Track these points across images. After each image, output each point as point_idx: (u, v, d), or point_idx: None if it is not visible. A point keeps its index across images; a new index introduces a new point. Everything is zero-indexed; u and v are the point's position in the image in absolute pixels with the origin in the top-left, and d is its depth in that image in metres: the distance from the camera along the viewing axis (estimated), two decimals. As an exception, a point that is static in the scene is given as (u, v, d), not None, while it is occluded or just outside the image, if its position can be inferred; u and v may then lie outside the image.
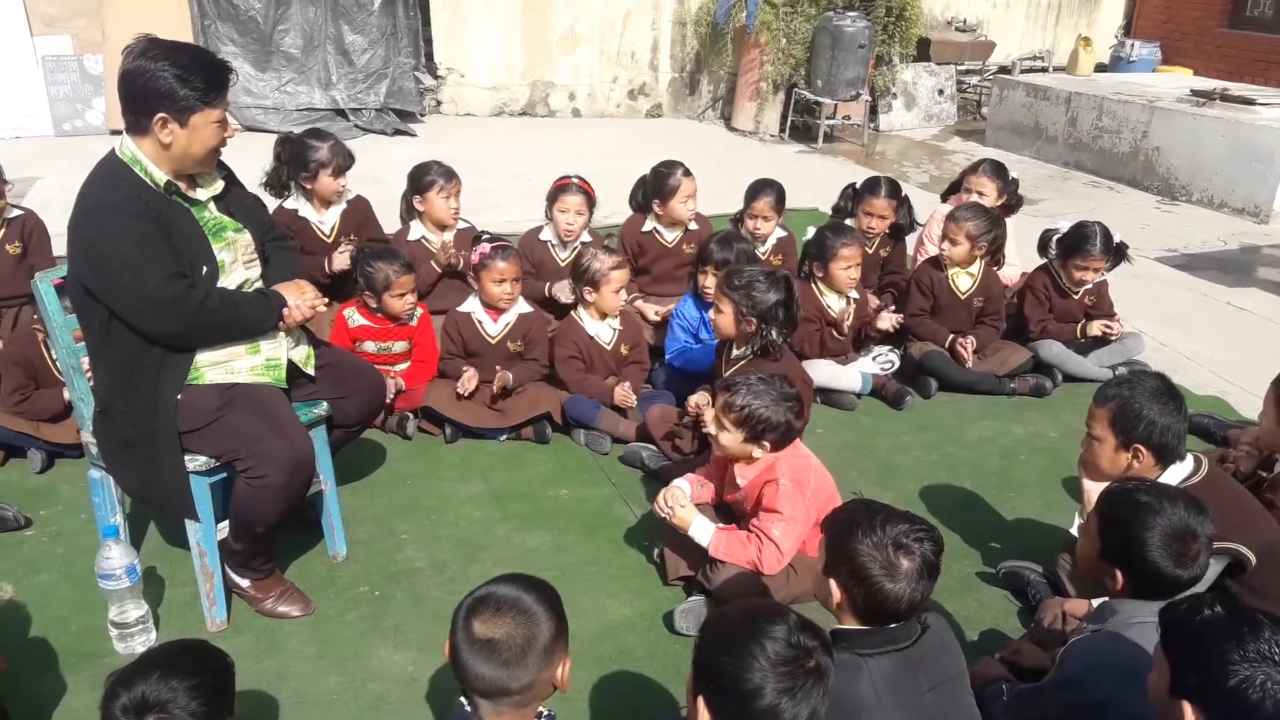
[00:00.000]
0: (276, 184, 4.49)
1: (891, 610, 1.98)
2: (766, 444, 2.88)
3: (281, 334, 2.86)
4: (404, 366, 4.22)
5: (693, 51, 10.81)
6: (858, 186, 5.17)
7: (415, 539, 3.41)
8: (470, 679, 1.73)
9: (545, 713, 1.86)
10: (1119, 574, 2.18)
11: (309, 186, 4.43)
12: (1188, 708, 1.68)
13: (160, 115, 2.53)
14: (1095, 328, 4.73)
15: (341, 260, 4.38)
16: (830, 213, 5.35)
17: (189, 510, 2.76)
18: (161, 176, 2.62)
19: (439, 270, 4.56)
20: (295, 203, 4.50)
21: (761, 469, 2.94)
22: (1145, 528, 2.12)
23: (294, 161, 4.41)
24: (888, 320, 4.58)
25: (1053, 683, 2.18)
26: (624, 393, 4.06)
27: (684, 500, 3.01)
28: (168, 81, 2.51)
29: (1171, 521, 2.12)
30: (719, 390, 2.99)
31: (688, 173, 4.76)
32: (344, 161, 4.44)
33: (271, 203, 4.20)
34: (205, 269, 2.68)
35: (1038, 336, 4.80)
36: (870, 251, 5.08)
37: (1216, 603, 1.74)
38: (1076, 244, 4.65)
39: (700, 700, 1.69)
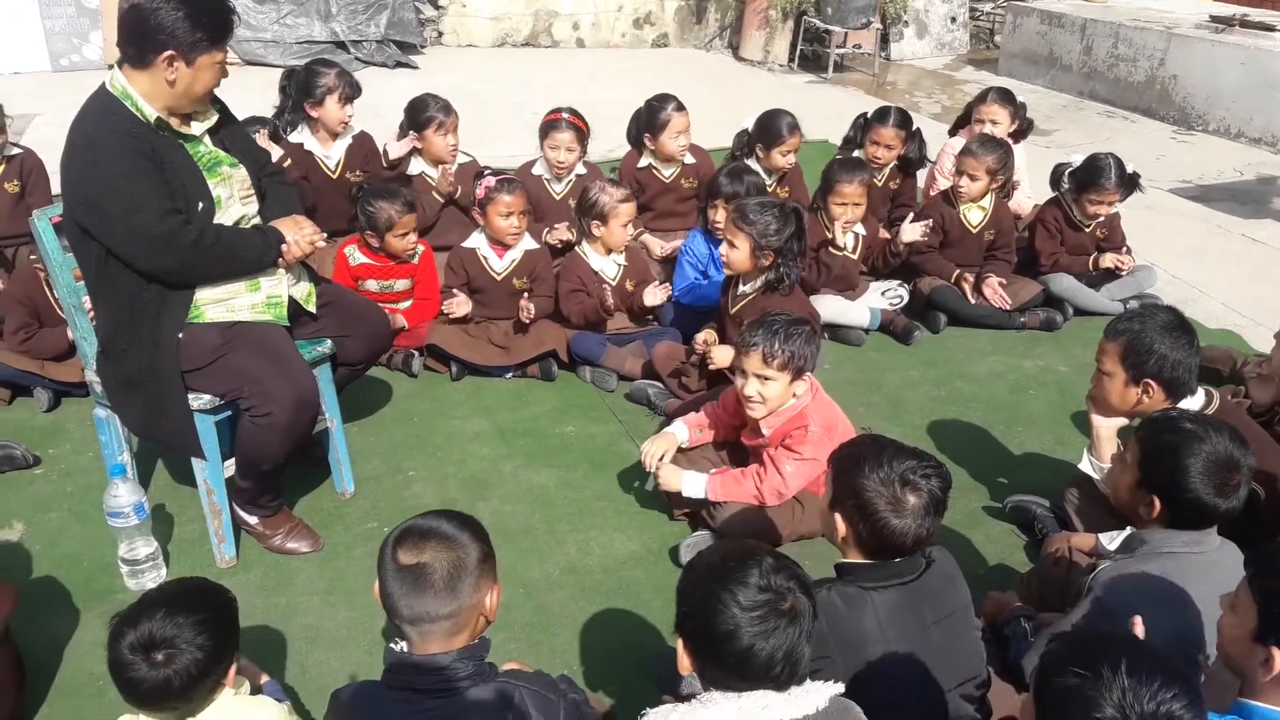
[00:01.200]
0: (282, 118, 4.42)
1: (897, 546, 1.97)
2: (808, 371, 2.88)
3: (281, 270, 2.83)
4: (407, 305, 4.19)
5: (700, -22, 10.58)
6: (869, 116, 5.08)
7: (423, 476, 3.42)
8: (399, 608, 1.73)
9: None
10: (1156, 501, 2.18)
11: (314, 115, 4.34)
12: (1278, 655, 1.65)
13: (169, 53, 2.50)
14: (1107, 261, 4.68)
15: (398, 149, 4.42)
16: (840, 144, 5.26)
17: (195, 448, 2.77)
18: (152, 112, 2.57)
19: (441, 201, 4.50)
20: (300, 136, 4.43)
21: (789, 418, 2.90)
22: (1189, 454, 2.11)
23: (300, 89, 4.33)
24: (910, 231, 4.48)
25: (1081, 613, 2.18)
26: (655, 291, 3.96)
27: (674, 444, 3.06)
28: (181, 20, 2.48)
29: (1216, 449, 2.11)
30: (737, 353, 2.93)
31: (680, 107, 4.61)
32: (350, 90, 4.36)
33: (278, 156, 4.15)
34: (201, 204, 2.64)
35: (1049, 270, 4.74)
36: (880, 184, 5.00)
37: None
38: (1090, 177, 4.57)
39: (680, 640, 1.70)
